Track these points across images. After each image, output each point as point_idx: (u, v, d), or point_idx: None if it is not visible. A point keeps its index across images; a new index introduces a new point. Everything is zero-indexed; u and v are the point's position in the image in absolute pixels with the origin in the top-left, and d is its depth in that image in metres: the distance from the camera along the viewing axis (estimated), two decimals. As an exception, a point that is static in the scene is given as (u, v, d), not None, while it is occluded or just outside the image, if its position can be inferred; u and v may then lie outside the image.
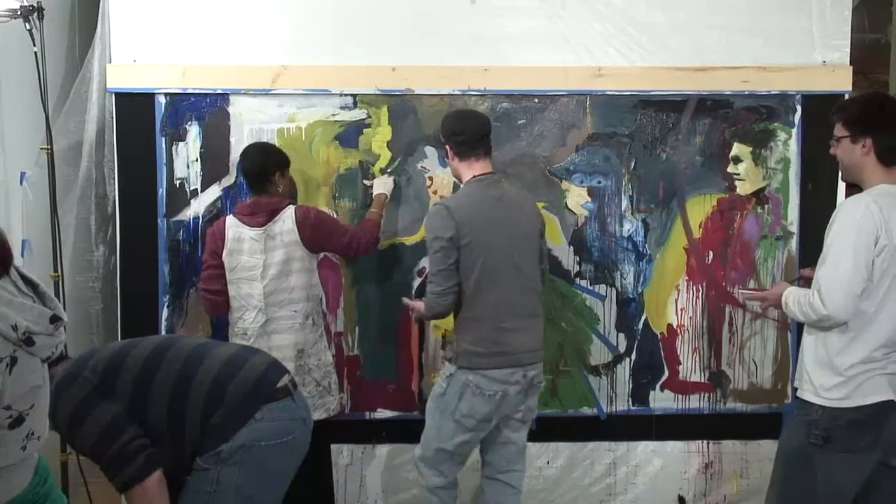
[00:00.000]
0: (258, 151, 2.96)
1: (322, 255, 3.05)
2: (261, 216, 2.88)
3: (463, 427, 2.67)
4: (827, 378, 2.27)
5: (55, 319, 1.67)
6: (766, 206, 3.27)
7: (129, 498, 2.07)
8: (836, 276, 2.21)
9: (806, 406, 2.32)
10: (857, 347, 2.25)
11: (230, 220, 2.92)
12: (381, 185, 3.15)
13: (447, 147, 2.76)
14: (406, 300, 2.91)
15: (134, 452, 2.05)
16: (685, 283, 3.29)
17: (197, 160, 3.18)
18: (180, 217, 3.20)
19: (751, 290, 3.16)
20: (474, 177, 2.71)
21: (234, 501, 2.11)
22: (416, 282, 3.21)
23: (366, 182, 3.20)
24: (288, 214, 2.89)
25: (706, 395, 3.33)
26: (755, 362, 3.32)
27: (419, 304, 2.76)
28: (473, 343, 2.64)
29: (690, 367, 3.32)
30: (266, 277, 2.86)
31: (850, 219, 2.24)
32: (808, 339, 2.35)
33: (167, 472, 2.11)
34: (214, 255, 2.92)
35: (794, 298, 2.36)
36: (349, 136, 3.20)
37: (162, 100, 3.15)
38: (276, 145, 3.08)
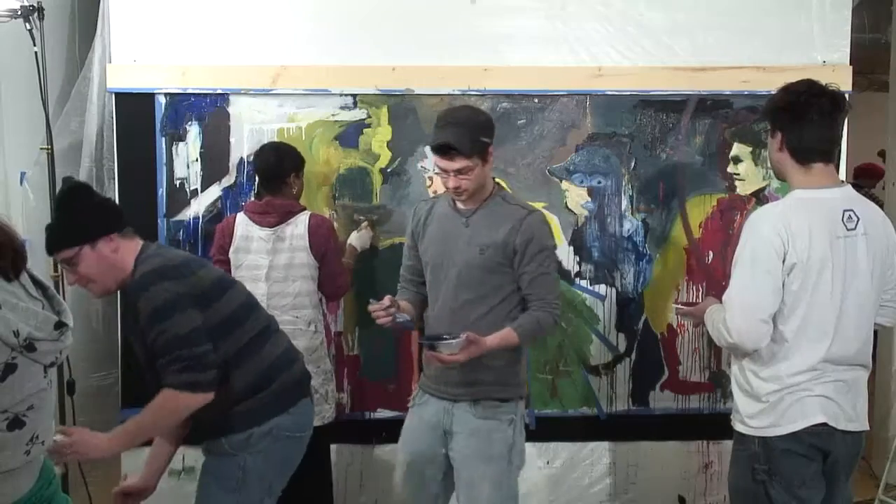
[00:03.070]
0: (273, 152, 2.94)
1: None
2: (272, 216, 2.87)
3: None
4: (750, 406, 2.10)
5: (60, 325, 1.67)
6: (766, 206, 3.27)
7: (173, 398, 2.01)
8: (739, 301, 2.03)
9: (742, 439, 2.14)
10: (777, 373, 2.05)
11: (240, 218, 2.92)
12: (356, 240, 3.11)
13: (491, 150, 2.35)
14: (463, 342, 2.19)
15: (211, 364, 2.04)
16: (685, 283, 3.29)
17: (197, 160, 3.18)
18: (180, 217, 3.20)
19: (684, 304, 2.96)
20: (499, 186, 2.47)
21: (259, 486, 2.18)
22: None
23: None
24: (302, 219, 2.88)
25: (706, 395, 3.33)
26: (755, 362, 3.32)
27: (490, 341, 2.25)
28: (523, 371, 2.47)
29: (690, 367, 3.32)
30: (270, 279, 2.86)
31: (754, 236, 2.04)
32: (734, 365, 2.19)
33: None
34: (222, 251, 2.92)
35: (711, 322, 2.16)
36: (349, 136, 3.20)
37: (162, 100, 3.15)
38: (292, 146, 3.03)
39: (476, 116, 2.36)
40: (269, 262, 2.86)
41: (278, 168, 2.91)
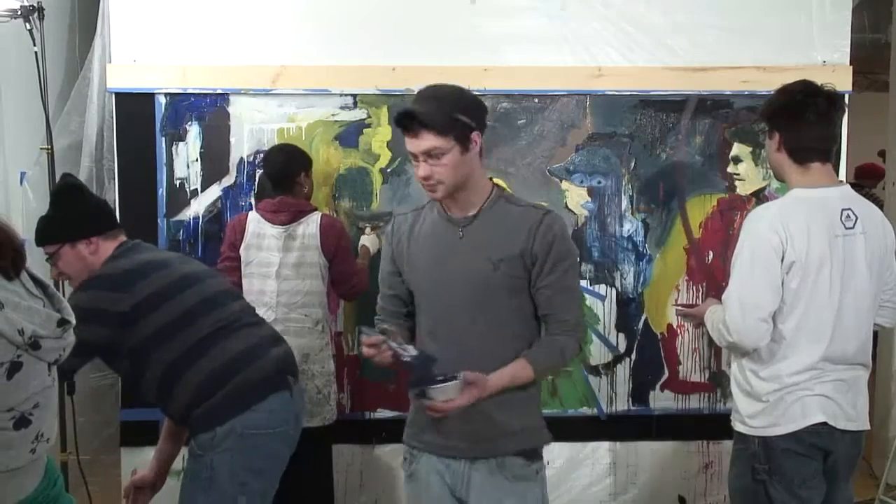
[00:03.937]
0: (280, 153, 2.98)
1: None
2: (285, 215, 2.90)
3: None
4: (749, 405, 2.10)
5: (63, 323, 1.68)
6: (766, 206, 3.27)
7: None
8: (738, 300, 2.03)
9: (742, 439, 2.14)
10: (777, 372, 2.05)
11: (252, 216, 2.95)
12: (368, 241, 3.14)
13: (480, 135, 1.89)
14: (460, 383, 1.79)
15: (70, 371, 2.21)
16: (685, 283, 3.29)
17: (197, 160, 3.18)
18: (180, 217, 3.20)
19: (685, 305, 2.98)
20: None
21: (230, 486, 2.15)
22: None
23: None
24: (314, 219, 2.91)
25: (706, 395, 3.33)
26: (755, 362, 3.32)
27: None
28: None
29: (690, 367, 3.32)
30: (281, 276, 2.88)
31: (752, 234, 2.05)
32: (733, 365, 2.19)
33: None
34: (232, 248, 2.94)
35: (711, 322, 2.16)
36: (349, 136, 3.20)
37: (162, 100, 3.15)
38: (297, 146, 3.06)
39: (457, 92, 1.88)
40: (280, 260, 2.88)
41: (287, 169, 2.94)
